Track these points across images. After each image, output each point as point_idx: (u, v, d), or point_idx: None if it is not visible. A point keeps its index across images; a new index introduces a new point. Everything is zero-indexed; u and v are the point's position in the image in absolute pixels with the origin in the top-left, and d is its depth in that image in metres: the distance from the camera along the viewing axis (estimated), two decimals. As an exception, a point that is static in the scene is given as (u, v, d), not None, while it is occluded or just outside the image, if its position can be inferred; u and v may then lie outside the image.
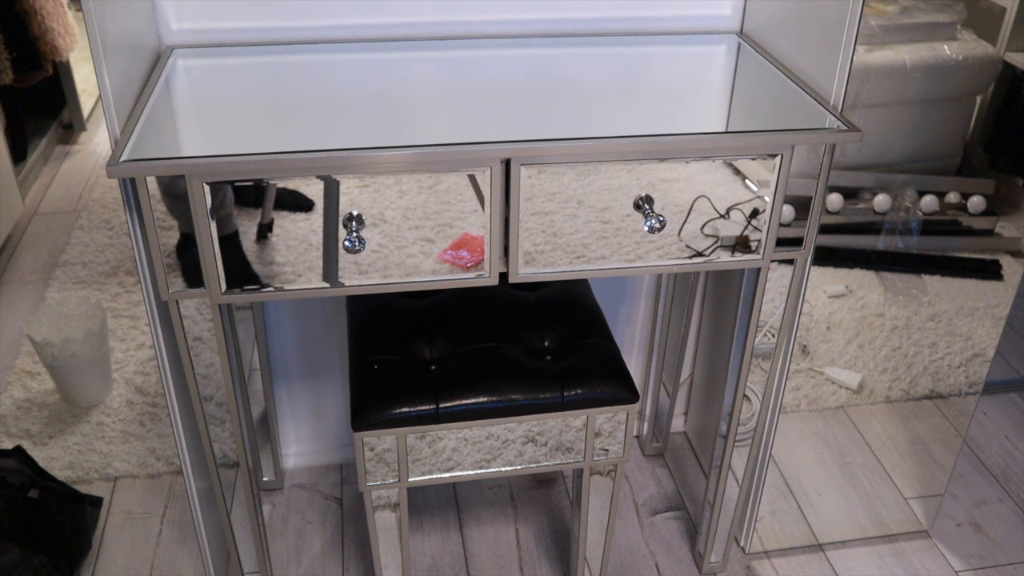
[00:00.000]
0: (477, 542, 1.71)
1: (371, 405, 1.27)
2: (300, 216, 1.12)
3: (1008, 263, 2.26)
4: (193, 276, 1.14)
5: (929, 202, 2.20)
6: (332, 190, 1.11)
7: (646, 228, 1.16)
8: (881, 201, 2.17)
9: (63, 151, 3.28)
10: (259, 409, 1.71)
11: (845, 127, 1.16)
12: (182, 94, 1.23)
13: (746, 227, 1.23)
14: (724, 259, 1.25)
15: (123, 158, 1.03)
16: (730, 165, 1.19)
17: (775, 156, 1.18)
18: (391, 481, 1.32)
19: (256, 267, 1.14)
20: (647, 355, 1.86)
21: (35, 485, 1.64)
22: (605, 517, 1.46)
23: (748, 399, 1.71)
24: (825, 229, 2.14)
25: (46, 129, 3.25)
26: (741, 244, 1.25)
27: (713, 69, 1.42)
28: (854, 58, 1.19)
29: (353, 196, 1.11)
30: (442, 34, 1.41)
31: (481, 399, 1.28)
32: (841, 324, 2.18)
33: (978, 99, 2.24)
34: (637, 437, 1.96)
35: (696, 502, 1.80)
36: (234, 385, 1.29)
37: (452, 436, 1.30)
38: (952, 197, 2.25)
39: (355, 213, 1.12)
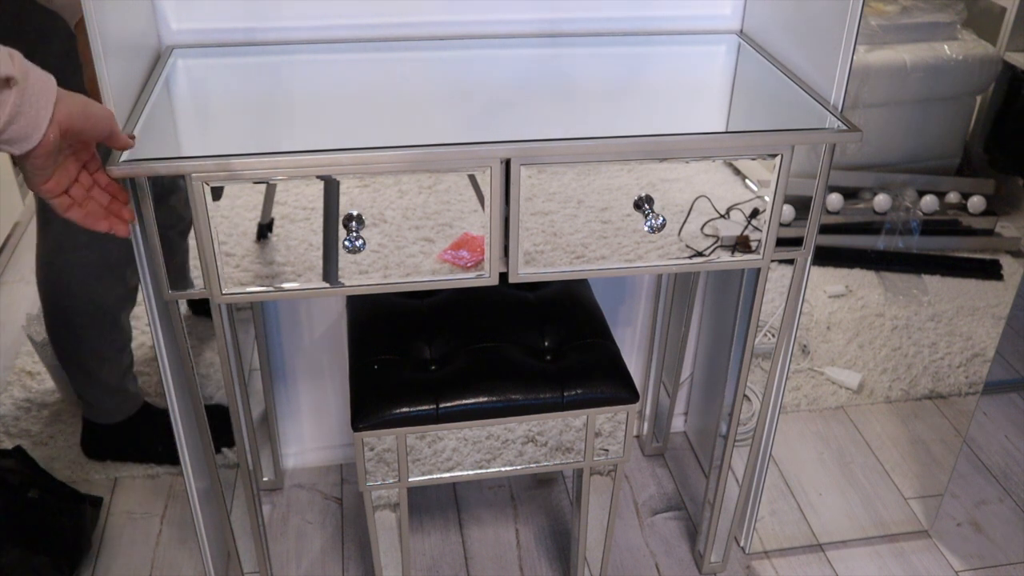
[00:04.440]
0: (477, 542, 1.71)
1: (371, 405, 1.27)
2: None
3: (1008, 263, 2.26)
4: None
5: (929, 202, 2.20)
6: (332, 190, 1.11)
7: (646, 228, 1.16)
8: (881, 201, 2.17)
9: (63, 151, 3.28)
10: (259, 409, 1.71)
11: (845, 127, 1.16)
12: (182, 94, 1.23)
13: (746, 227, 1.23)
14: (724, 259, 1.25)
15: (123, 158, 1.03)
16: (730, 165, 1.19)
17: (775, 156, 1.18)
18: (391, 481, 1.32)
19: (256, 267, 1.15)
20: (647, 355, 1.86)
21: (35, 485, 1.63)
22: (605, 517, 1.46)
23: (748, 399, 1.71)
24: (825, 229, 2.14)
25: (46, 129, 3.25)
26: (741, 244, 1.25)
27: (713, 69, 1.42)
28: (854, 58, 1.19)
29: (353, 196, 1.12)
30: (442, 34, 1.41)
31: (481, 399, 1.28)
32: (841, 324, 2.18)
33: (978, 99, 2.24)
34: (637, 437, 1.96)
35: (696, 502, 1.80)
36: (234, 385, 1.29)
37: (452, 436, 1.30)
38: (952, 197, 2.25)
39: (355, 213, 1.12)
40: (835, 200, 2.17)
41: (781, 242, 1.26)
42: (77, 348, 1.73)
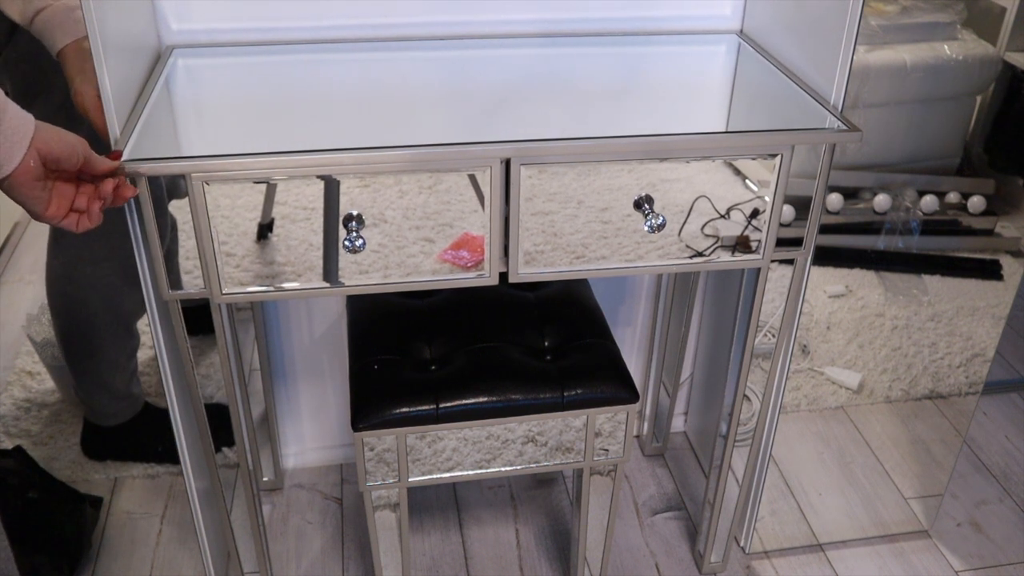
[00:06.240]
0: (477, 542, 1.71)
1: (371, 405, 1.27)
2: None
3: (1008, 263, 2.26)
4: None
5: (929, 202, 2.20)
6: (332, 190, 1.11)
7: (646, 228, 1.16)
8: (881, 201, 2.17)
9: (63, 151, 3.28)
10: (259, 409, 1.71)
11: (845, 127, 1.16)
12: (182, 94, 1.23)
13: (746, 227, 1.23)
14: (724, 259, 1.25)
15: (123, 158, 1.03)
16: (730, 165, 1.19)
17: (775, 156, 1.18)
18: (391, 481, 1.32)
19: (256, 267, 1.15)
20: (647, 355, 1.86)
21: (35, 485, 1.63)
22: (605, 517, 1.46)
23: (748, 399, 1.71)
24: (825, 229, 2.14)
25: (46, 129, 3.25)
26: (741, 244, 1.25)
27: (713, 69, 1.42)
28: (854, 58, 1.19)
29: (353, 196, 1.12)
30: (442, 34, 1.41)
31: (481, 399, 1.28)
32: (841, 324, 2.18)
33: (978, 99, 2.24)
34: (637, 437, 1.96)
35: (696, 502, 1.80)
36: (234, 385, 1.29)
37: (452, 436, 1.30)
38: (952, 197, 2.25)
39: (355, 213, 1.12)
40: (835, 200, 2.17)
41: (781, 242, 1.26)
42: (91, 358, 1.73)
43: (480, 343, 1.37)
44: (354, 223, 1.12)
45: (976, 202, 2.23)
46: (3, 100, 0.89)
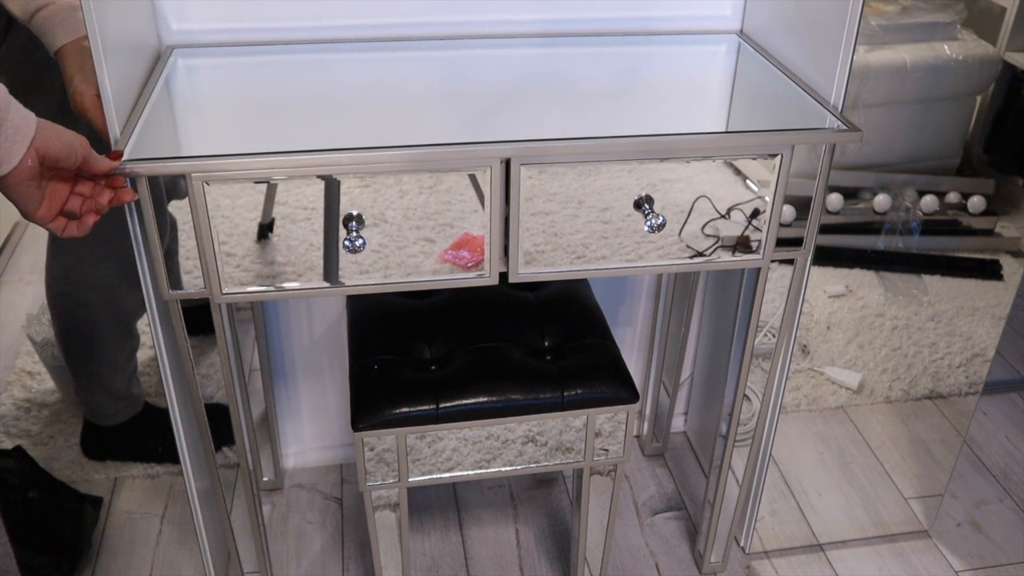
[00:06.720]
0: (477, 542, 1.71)
1: (371, 405, 1.27)
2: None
3: (1008, 263, 2.26)
4: None
5: (929, 202, 2.20)
6: (332, 190, 1.11)
7: (646, 228, 1.16)
8: (881, 201, 2.17)
9: (63, 151, 3.27)
10: (259, 409, 1.71)
11: (845, 127, 1.16)
12: (182, 94, 1.23)
13: (746, 227, 1.23)
14: (724, 259, 1.25)
15: (123, 158, 1.03)
16: (731, 165, 1.19)
17: (775, 156, 1.18)
18: (391, 481, 1.32)
19: (257, 267, 1.15)
20: (647, 355, 1.86)
21: (35, 485, 1.63)
22: (605, 517, 1.46)
23: (748, 399, 1.71)
24: (825, 229, 2.15)
25: (46, 129, 3.24)
26: (741, 244, 1.25)
27: (713, 69, 1.42)
28: (854, 58, 1.19)
29: (353, 196, 1.12)
30: (442, 34, 1.41)
31: (481, 399, 1.28)
32: (841, 324, 2.18)
33: (978, 99, 2.24)
34: (637, 437, 1.96)
35: (696, 502, 1.80)
36: (234, 385, 1.29)
37: (452, 436, 1.30)
38: (952, 197, 2.25)
39: (355, 213, 1.12)
40: (835, 200, 2.17)
41: (781, 242, 1.26)
42: (91, 358, 1.73)
43: (480, 343, 1.37)
44: (354, 223, 1.12)
45: (976, 202, 2.23)
46: (6, 99, 0.88)
